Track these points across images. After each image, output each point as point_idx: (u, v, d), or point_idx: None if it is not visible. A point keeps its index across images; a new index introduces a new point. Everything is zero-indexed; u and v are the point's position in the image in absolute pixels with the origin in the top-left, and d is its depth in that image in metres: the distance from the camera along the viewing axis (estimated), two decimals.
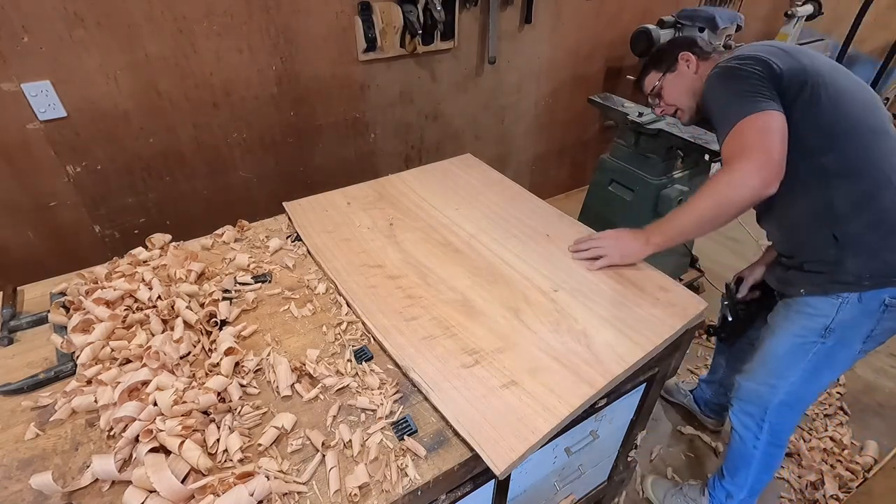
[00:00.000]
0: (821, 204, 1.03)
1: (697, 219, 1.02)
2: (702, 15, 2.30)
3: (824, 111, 0.99)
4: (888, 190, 0.98)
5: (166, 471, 0.67)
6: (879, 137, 1.00)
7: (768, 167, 0.93)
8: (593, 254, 1.11)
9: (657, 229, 1.08)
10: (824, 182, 1.01)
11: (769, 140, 0.93)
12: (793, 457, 1.71)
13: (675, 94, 1.23)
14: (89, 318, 0.91)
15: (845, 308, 1.04)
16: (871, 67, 3.18)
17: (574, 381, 0.85)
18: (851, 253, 1.02)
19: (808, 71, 1.00)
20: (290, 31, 1.61)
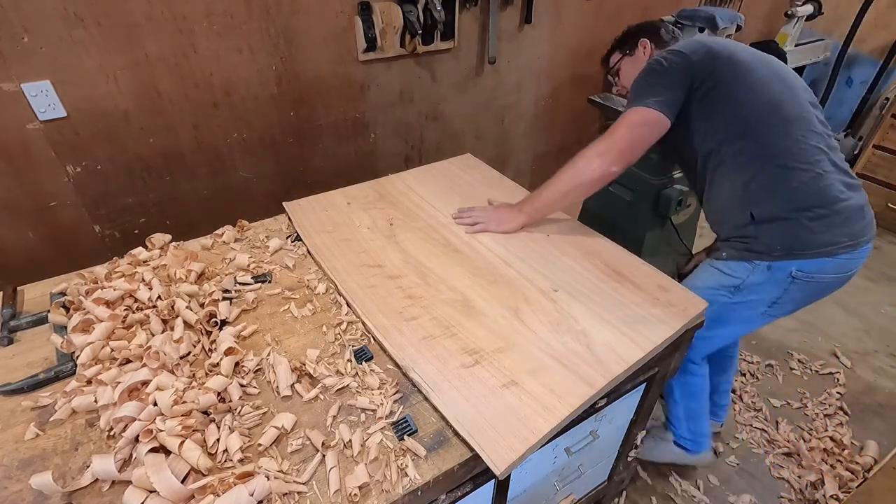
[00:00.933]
0: (739, 186, 1.13)
1: (558, 193, 1.19)
2: (701, 15, 2.30)
3: (741, 101, 1.09)
4: (797, 172, 1.07)
5: (166, 471, 0.67)
6: (794, 124, 1.08)
7: (608, 154, 1.11)
8: (473, 220, 1.23)
9: (527, 201, 1.24)
10: (742, 166, 1.12)
11: (626, 132, 1.10)
12: (793, 457, 1.71)
13: (629, 77, 1.29)
14: (89, 318, 0.91)
15: (756, 273, 1.16)
16: (871, 67, 3.17)
17: (574, 381, 0.85)
18: (765, 228, 1.12)
19: (725, 64, 1.10)
20: (290, 31, 1.61)
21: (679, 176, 1.89)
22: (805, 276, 1.11)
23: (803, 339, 2.19)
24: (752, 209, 1.12)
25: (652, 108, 1.08)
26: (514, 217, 1.22)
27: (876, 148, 2.85)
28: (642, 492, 1.62)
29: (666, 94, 1.09)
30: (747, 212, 1.13)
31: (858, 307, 2.36)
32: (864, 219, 1.13)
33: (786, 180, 1.08)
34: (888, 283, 2.52)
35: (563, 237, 1.22)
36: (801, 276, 1.12)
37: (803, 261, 1.10)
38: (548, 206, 1.22)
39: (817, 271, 1.11)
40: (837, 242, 1.08)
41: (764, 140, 1.08)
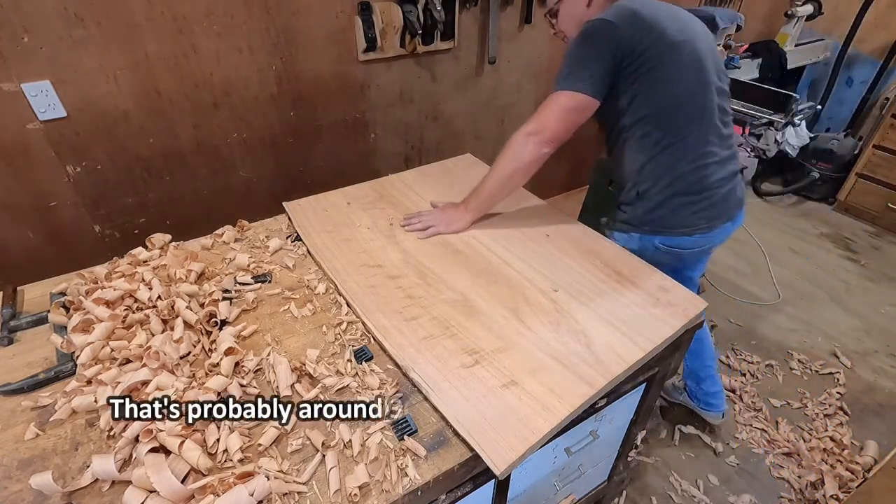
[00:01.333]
0: (636, 164, 1.22)
1: (499, 182, 1.21)
2: (701, 15, 2.30)
3: (659, 91, 1.13)
4: (684, 164, 1.18)
5: (166, 471, 0.67)
6: (696, 120, 1.16)
7: (541, 136, 1.13)
8: (423, 225, 1.24)
9: (472, 196, 1.25)
10: (643, 148, 1.19)
11: (558, 117, 1.12)
12: (793, 457, 1.71)
13: (566, 20, 1.27)
14: (89, 318, 0.91)
15: (631, 241, 1.30)
16: (872, 67, 3.17)
17: (574, 381, 0.85)
18: (642, 204, 1.25)
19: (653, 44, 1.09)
20: (290, 31, 1.61)
21: None
22: (666, 248, 1.28)
23: (803, 339, 2.19)
24: (639, 187, 1.24)
25: (583, 94, 1.10)
26: (462, 215, 1.25)
27: (876, 148, 2.85)
28: (642, 492, 1.62)
29: (597, 74, 1.10)
30: (636, 188, 1.25)
31: (858, 307, 2.36)
32: (726, 204, 1.26)
33: (673, 169, 1.18)
34: (888, 283, 2.52)
35: (563, 237, 1.22)
36: (662, 247, 1.28)
37: (665, 237, 1.26)
38: (492, 197, 1.24)
39: (676, 245, 1.27)
40: (695, 225, 1.24)
41: (668, 130, 1.16)
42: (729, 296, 2.42)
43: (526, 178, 1.20)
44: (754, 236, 2.85)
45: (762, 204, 3.22)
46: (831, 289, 2.48)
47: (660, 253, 1.28)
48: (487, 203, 1.25)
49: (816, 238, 2.88)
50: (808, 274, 2.58)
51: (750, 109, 1.93)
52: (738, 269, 2.61)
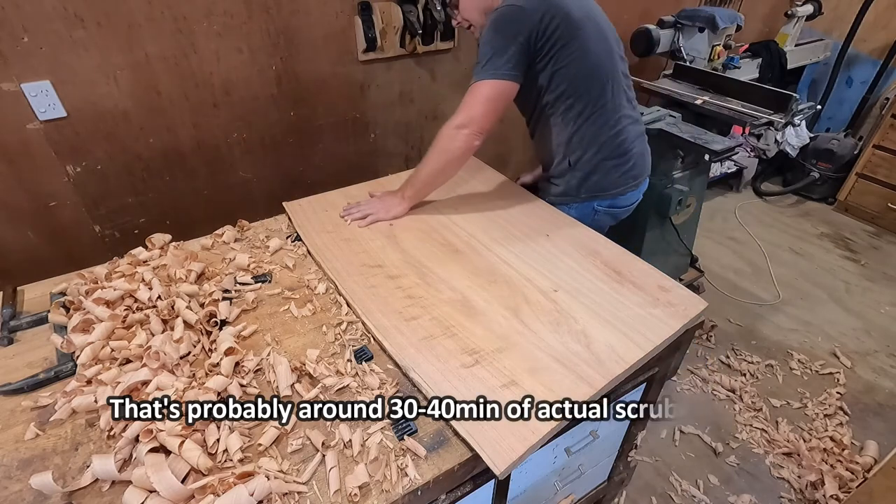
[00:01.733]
0: (564, 136, 1.30)
1: (432, 173, 1.26)
2: (702, 15, 2.30)
3: (571, 66, 1.20)
4: (606, 129, 1.28)
5: (166, 471, 0.67)
6: (608, 85, 1.25)
7: (469, 128, 1.17)
8: (362, 214, 1.27)
9: (407, 185, 1.29)
10: (568, 121, 1.28)
11: (483, 107, 1.16)
12: (793, 457, 1.71)
13: (469, 9, 1.30)
14: (89, 318, 0.91)
15: (569, 211, 1.37)
16: (872, 67, 3.17)
17: (574, 380, 0.85)
18: (577, 174, 1.34)
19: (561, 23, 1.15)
20: (290, 31, 1.61)
21: (679, 176, 1.90)
22: (604, 209, 1.40)
23: (803, 339, 2.19)
24: (570, 157, 1.33)
25: (504, 80, 1.14)
26: (399, 202, 1.29)
27: (876, 148, 2.85)
28: (642, 492, 1.62)
29: (514, 58, 1.14)
30: (567, 159, 1.33)
31: (858, 307, 2.36)
32: (644, 161, 1.40)
33: (598, 136, 1.29)
34: (888, 283, 2.52)
35: (563, 237, 1.22)
36: (601, 210, 1.39)
37: (602, 200, 1.37)
38: (426, 186, 1.29)
39: (613, 206, 1.40)
40: (626, 184, 1.37)
41: (587, 100, 1.24)
42: (729, 296, 2.42)
43: (458, 168, 1.26)
44: (754, 236, 2.85)
45: (762, 204, 3.21)
46: (831, 289, 2.48)
47: (599, 216, 1.40)
48: (422, 193, 1.31)
49: (816, 238, 2.88)
50: (808, 274, 2.58)
51: (750, 109, 1.93)
52: (738, 269, 2.61)
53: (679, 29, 2.37)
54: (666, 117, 1.83)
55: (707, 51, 2.40)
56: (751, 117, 1.88)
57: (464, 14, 1.32)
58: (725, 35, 2.40)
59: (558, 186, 1.38)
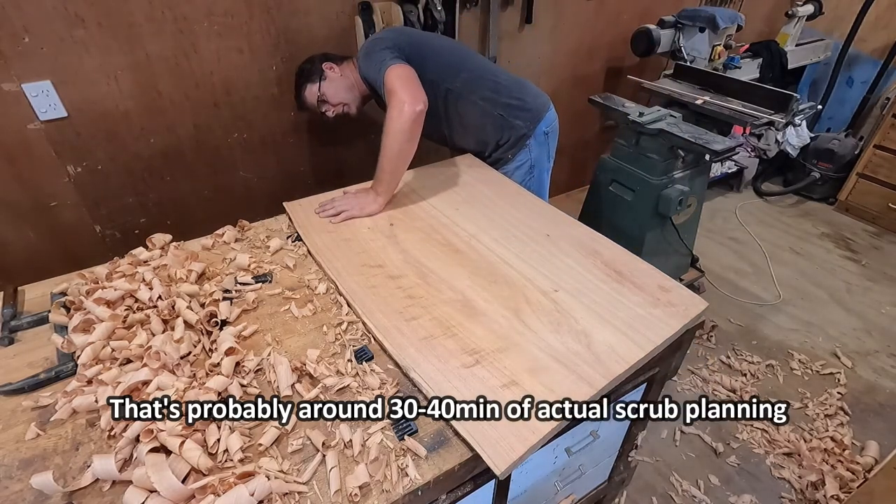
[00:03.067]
0: (485, 98, 1.52)
1: (392, 159, 1.30)
2: (702, 15, 2.30)
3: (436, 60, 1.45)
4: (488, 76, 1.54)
5: (167, 471, 0.67)
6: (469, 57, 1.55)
7: (408, 100, 1.26)
8: (336, 211, 1.30)
9: (376, 182, 1.33)
10: (474, 85, 1.51)
11: (403, 83, 1.28)
12: (793, 457, 1.71)
13: (337, 95, 1.50)
14: (90, 318, 0.91)
15: (532, 148, 1.61)
16: (872, 67, 3.17)
17: (574, 381, 0.85)
18: (513, 116, 1.55)
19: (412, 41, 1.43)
20: (291, 31, 1.61)
21: (679, 176, 1.89)
22: (548, 129, 1.63)
23: (804, 339, 2.18)
24: (497, 111, 1.53)
25: (397, 64, 1.30)
26: (374, 199, 1.32)
27: (876, 148, 2.85)
28: (643, 492, 1.62)
29: (394, 51, 1.33)
30: (496, 114, 1.53)
31: (859, 307, 2.36)
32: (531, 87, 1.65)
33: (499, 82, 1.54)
34: (888, 283, 2.52)
35: (563, 237, 1.22)
36: (548, 130, 1.63)
37: (543, 121, 1.60)
38: (392, 174, 1.32)
39: (551, 123, 1.63)
40: (547, 101, 1.64)
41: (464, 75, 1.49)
42: (729, 296, 2.42)
43: (414, 143, 1.31)
44: (755, 236, 2.85)
45: (762, 204, 3.21)
46: (832, 289, 2.48)
47: (548, 139, 1.63)
48: (392, 183, 1.33)
49: (817, 238, 2.87)
50: (808, 274, 2.58)
51: (750, 109, 1.93)
52: (739, 269, 2.61)
53: (679, 29, 2.37)
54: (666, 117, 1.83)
55: (708, 51, 2.40)
56: (751, 117, 1.87)
57: (334, 101, 1.50)
58: (726, 35, 2.40)
59: (510, 137, 1.58)
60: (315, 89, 1.49)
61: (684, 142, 1.73)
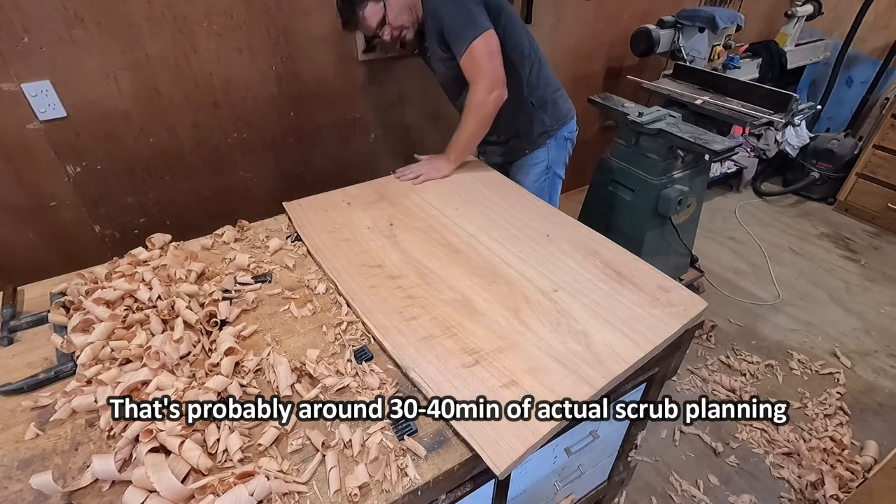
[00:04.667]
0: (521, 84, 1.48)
1: (471, 134, 1.42)
2: (702, 15, 2.30)
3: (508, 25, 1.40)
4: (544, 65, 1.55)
5: (166, 471, 0.67)
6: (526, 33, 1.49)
7: (498, 85, 1.32)
8: (414, 174, 1.45)
9: (450, 148, 1.46)
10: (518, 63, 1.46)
11: (493, 62, 1.30)
12: (793, 457, 1.71)
13: (399, 17, 1.37)
14: (89, 318, 0.91)
15: (551, 149, 1.62)
16: (872, 67, 3.17)
17: (574, 381, 0.85)
18: (541, 111, 1.55)
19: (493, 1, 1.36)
20: (290, 31, 1.61)
21: (679, 176, 1.90)
22: (569, 136, 1.63)
23: (803, 339, 2.19)
24: (531, 98, 1.52)
25: (488, 30, 1.27)
26: (447, 164, 1.46)
27: (876, 148, 2.85)
28: (642, 492, 1.62)
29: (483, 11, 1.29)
30: (529, 101, 1.52)
31: (858, 307, 2.36)
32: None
33: (542, 70, 1.52)
34: (888, 283, 2.52)
35: (563, 237, 1.22)
36: (568, 136, 1.63)
37: (565, 125, 1.60)
38: (466, 146, 1.46)
39: (572, 131, 1.64)
40: (571, 109, 1.63)
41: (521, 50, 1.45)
42: (729, 296, 2.42)
43: (490, 123, 1.41)
44: (754, 236, 2.85)
45: (762, 204, 3.21)
46: (831, 289, 2.48)
47: (568, 143, 1.63)
48: (465, 152, 1.48)
49: (816, 238, 2.87)
50: (808, 274, 2.58)
51: (750, 109, 1.93)
52: (738, 269, 2.61)
53: (679, 29, 2.37)
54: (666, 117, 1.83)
55: (707, 51, 2.40)
56: (751, 117, 1.87)
57: (395, 23, 1.38)
58: (725, 35, 2.40)
59: (532, 131, 1.57)
60: (380, 7, 1.33)
61: (684, 142, 1.73)
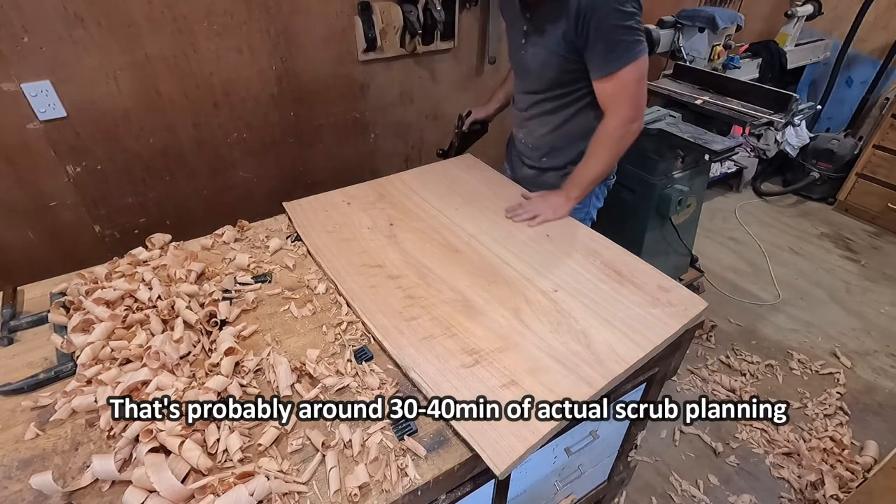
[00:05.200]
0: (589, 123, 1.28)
1: (601, 171, 1.24)
2: (702, 15, 2.30)
3: None
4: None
5: (166, 471, 0.67)
6: None
7: (641, 115, 1.16)
8: (530, 214, 1.26)
9: (572, 185, 1.27)
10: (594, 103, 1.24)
11: (642, 90, 1.14)
12: (793, 457, 1.71)
13: None
14: (89, 318, 0.91)
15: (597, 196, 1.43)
16: (872, 67, 3.17)
17: (574, 381, 0.85)
18: None
19: None
20: (290, 31, 1.61)
21: (679, 176, 1.90)
22: (612, 182, 1.46)
23: (803, 339, 2.19)
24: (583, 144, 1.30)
25: (643, 55, 1.11)
26: (565, 203, 1.27)
27: (876, 148, 2.85)
28: (642, 492, 1.62)
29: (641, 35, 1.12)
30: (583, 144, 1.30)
31: (858, 307, 2.36)
32: None
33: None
34: (888, 283, 2.52)
35: (563, 237, 1.22)
36: (610, 183, 1.46)
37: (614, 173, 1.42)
38: (592, 183, 1.28)
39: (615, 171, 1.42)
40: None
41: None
42: (729, 296, 2.42)
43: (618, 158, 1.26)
44: (754, 236, 2.85)
45: (762, 204, 3.21)
46: (831, 289, 2.48)
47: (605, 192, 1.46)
48: (587, 191, 1.30)
49: (816, 238, 2.88)
50: (808, 274, 2.58)
51: (750, 109, 1.93)
52: (738, 269, 2.61)
53: (679, 29, 2.37)
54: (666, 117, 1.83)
55: (707, 51, 2.40)
56: (751, 117, 1.88)
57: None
58: (725, 35, 2.40)
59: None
60: None
61: (684, 142, 1.73)
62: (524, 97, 1.37)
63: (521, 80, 1.36)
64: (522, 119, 1.42)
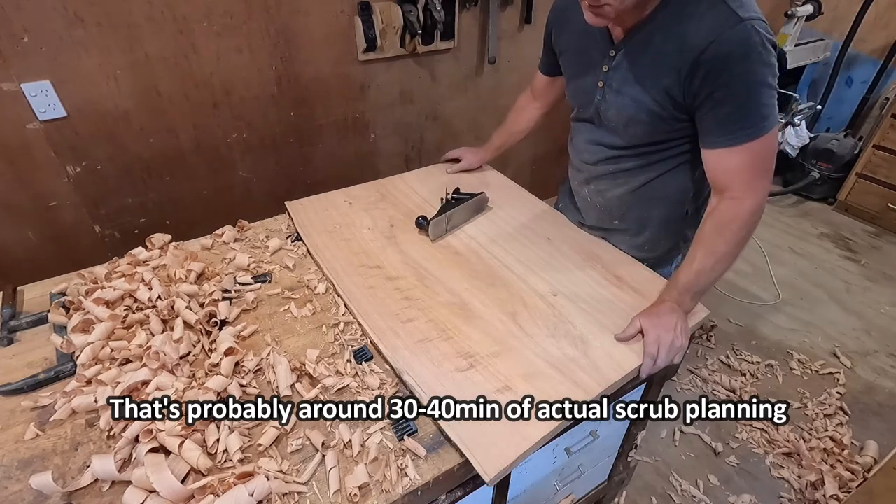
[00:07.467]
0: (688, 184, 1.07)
1: (725, 269, 0.94)
2: None
3: None
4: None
5: (166, 471, 0.67)
6: None
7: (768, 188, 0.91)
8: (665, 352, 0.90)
9: (686, 294, 0.94)
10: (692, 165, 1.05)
11: (771, 167, 0.90)
12: (793, 457, 1.71)
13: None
14: (89, 318, 0.91)
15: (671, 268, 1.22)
16: (872, 67, 3.17)
17: (569, 387, 0.84)
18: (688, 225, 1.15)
19: None
20: (290, 31, 1.61)
21: None
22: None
23: (803, 339, 2.19)
24: (689, 207, 1.12)
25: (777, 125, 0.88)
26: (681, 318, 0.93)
27: (876, 148, 2.85)
28: (642, 492, 1.62)
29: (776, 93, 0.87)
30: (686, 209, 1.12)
31: (858, 307, 2.36)
32: None
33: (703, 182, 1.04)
34: (888, 283, 2.52)
35: (563, 241, 1.22)
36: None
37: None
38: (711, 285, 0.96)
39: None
40: None
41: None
42: (729, 296, 2.42)
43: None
44: (754, 236, 2.85)
45: None
46: (831, 289, 2.48)
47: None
48: (701, 296, 0.97)
49: (816, 238, 2.87)
50: (808, 274, 2.58)
51: None
52: (738, 269, 2.61)
53: None
54: None
55: None
56: None
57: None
58: None
59: (664, 246, 1.18)
60: None
61: None
62: (594, 148, 1.12)
63: (591, 129, 1.10)
64: (590, 174, 1.17)
